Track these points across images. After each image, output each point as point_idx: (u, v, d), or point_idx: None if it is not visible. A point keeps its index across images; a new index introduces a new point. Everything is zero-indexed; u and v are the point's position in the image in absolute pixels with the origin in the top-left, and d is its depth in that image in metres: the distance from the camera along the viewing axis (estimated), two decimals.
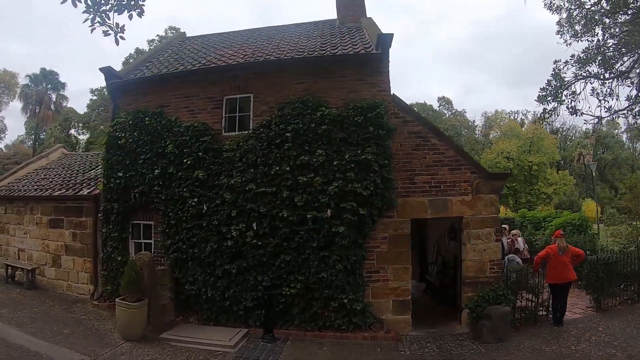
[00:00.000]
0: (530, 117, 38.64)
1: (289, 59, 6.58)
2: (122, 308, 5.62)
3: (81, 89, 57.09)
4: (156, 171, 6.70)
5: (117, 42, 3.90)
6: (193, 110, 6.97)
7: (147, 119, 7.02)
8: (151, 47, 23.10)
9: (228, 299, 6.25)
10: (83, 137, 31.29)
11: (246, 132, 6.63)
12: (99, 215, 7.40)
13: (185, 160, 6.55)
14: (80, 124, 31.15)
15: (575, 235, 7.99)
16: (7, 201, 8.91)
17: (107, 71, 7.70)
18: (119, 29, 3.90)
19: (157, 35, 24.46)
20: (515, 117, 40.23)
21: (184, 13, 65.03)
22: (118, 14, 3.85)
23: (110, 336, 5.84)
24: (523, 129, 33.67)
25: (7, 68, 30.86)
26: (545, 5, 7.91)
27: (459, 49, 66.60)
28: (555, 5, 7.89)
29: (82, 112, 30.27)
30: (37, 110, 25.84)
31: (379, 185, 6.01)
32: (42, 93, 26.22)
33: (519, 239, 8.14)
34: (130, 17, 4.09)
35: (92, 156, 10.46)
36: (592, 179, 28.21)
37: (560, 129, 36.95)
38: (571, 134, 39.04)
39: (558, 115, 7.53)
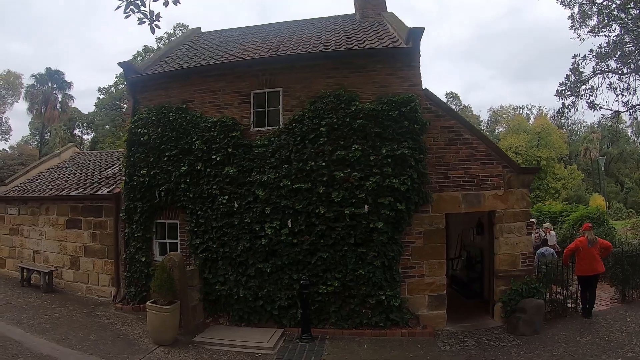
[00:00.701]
0: (535, 112, 36.88)
1: (321, 52, 6.02)
2: (154, 312, 4.99)
3: (83, 88, 54.43)
4: (183, 168, 6.05)
5: (152, 31, 3.46)
6: (219, 105, 6.34)
7: (171, 114, 6.35)
8: (160, 45, 21.99)
9: (261, 298, 5.68)
10: (87, 137, 29.95)
11: (276, 127, 6.04)
12: (121, 214, 6.68)
13: (213, 157, 5.93)
14: (85, 124, 29.66)
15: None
16: (20, 202, 8.06)
17: (126, 66, 6.98)
18: (154, 17, 3.44)
19: (166, 32, 23.02)
20: (521, 112, 37.87)
21: (182, 11, 62.19)
22: (153, 1, 3.39)
23: (140, 341, 5.19)
24: (530, 123, 32.03)
25: (10, 69, 29.10)
26: (557, 0, 7.58)
27: (460, 47, 63.48)
28: (567, 0, 7.54)
29: (85, 112, 28.87)
30: (43, 110, 24.23)
31: (415, 180, 5.55)
32: (48, 93, 24.61)
33: (552, 232, 7.75)
34: (166, 4, 3.62)
35: (107, 154, 9.66)
36: (599, 173, 27.17)
37: (566, 124, 34.87)
38: (576, 128, 36.78)
39: (577, 110, 7.24)
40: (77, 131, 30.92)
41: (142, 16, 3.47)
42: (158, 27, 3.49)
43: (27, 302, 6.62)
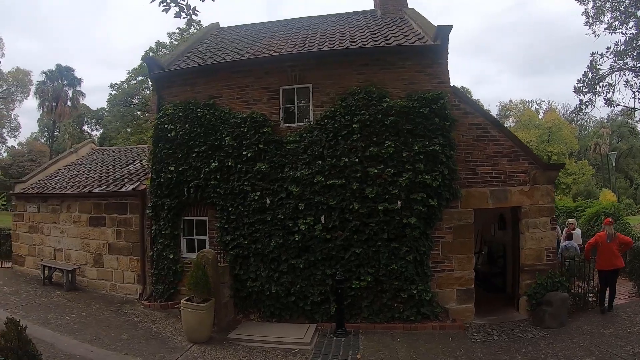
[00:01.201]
0: (544, 106, 34.93)
1: (351, 49, 5.76)
2: (190, 310, 4.69)
3: (90, 85, 52.02)
4: (213, 164, 5.74)
5: (189, 24, 3.45)
6: (248, 101, 6.03)
7: (198, 110, 6.02)
8: (172, 41, 21.21)
9: (293, 294, 5.43)
10: (96, 133, 28.78)
11: (307, 123, 5.77)
12: (147, 211, 6.34)
13: (244, 153, 5.64)
14: (93, 120, 28.55)
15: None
16: (40, 199, 7.61)
17: (150, 61, 6.65)
18: (191, 11, 3.28)
19: (178, 28, 21.87)
20: (530, 107, 35.60)
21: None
22: None
23: (174, 339, 4.90)
24: (540, 117, 30.31)
25: (19, 66, 27.89)
26: None
27: (467, 41, 58.78)
28: None
29: (94, 108, 27.92)
30: (53, 107, 23.16)
31: (446, 177, 5.36)
32: (58, 89, 23.54)
33: (577, 229, 7.55)
34: None
35: (126, 150, 9.23)
36: (609, 169, 25.78)
37: (575, 119, 32.87)
38: (585, 123, 34.51)
39: (594, 107, 7.12)
40: (85, 127, 29.84)
41: (179, 10, 3.27)
42: (194, 20, 3.33)
43: (50, 301, 6.24)
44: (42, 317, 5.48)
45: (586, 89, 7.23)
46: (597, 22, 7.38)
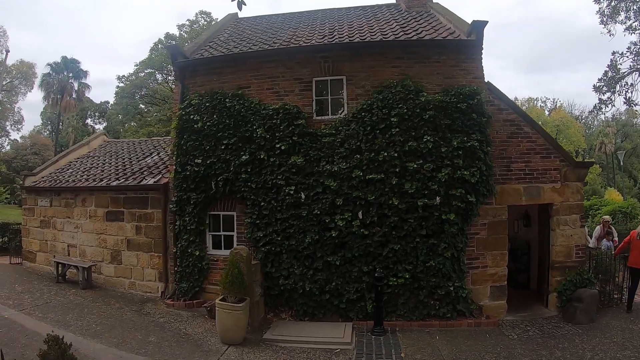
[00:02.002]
0: (549, 104, 33.07)
1: (389, 41, 5.28)
2: (226, 310, 4.12)
3: (93, 78, 48.55)
4: (243, 157, 5.16)
5: (239, 7, 2.92)
6: (278, 92, 5.46)
7: (227, 100, 5.40)
8: (182, 32, 20.08)
9: (328, 292, 4.94)
10: (99, 126, 27.18)
11: (341, 116, 5.25)
12: (170, 206, 5.68)
13: (278, 145, 5.08)
14: (97, 113, 26.79)
15: (627, 222, 7.50)
16: (52, 193, 6.81)
17: (174, 50, 5.98)
18: None
19: (188, 20, 21.08)
20: (535, 104, 33.45)
21: (189, 2, 54.51)
22: None
23: (207, 341, 4.32)
24: (546, 115, 28.61)
25: (23, 59, 26.05)
26: None
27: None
28: None
29: (97, 102, 26.29)
30: (58, 99, 21.48)
31: (483, 173, 4.97)
32: (64, 81, 21.77)
33: (612, 227, 7.23)
34: None
35: (140, 143, 8.46)
36: (613, 168, 24.50)
37: (580, 117, 31.09)
38: (589, 122, 32.23)
39: (613, 106, 6.88)
40: (89, 121, 28.01)
41: None
42: (244, 3, 2.92)
43: (67, 300, 5.51)
44: (60, 318, 4.78)
45: (605, 88, 6.96)
46: (612, 22, 7.11)
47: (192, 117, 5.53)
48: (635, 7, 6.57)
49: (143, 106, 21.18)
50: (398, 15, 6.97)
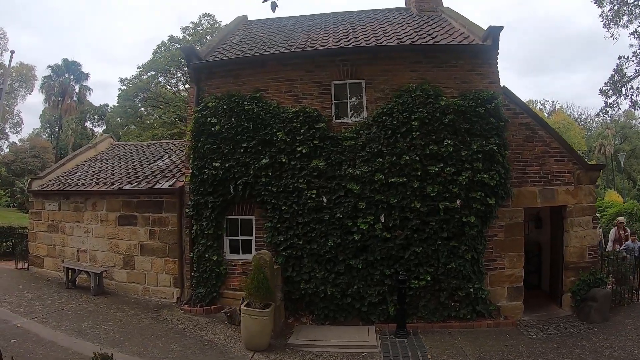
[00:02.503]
0: (548, 106, 33.05)
1: (408, 45, 5.33)
2: (252, 316, 4.08)
3: (91, 81, 47.71)
4: (263, 161, 5.12)
5: (272, 9, 2.92)
6: (297, 95, 5.45)
7: (245, 103, 5.35)
8: (185, 35, 20.02)
9: (350, 295, 4.94)
10: (99, 130, 26.93)
11: (361, 119, 5.26)
12: (186, 210, 5.59)
13: (299, 149, 5.06)
14: (96, 116, 26.42)
15: (633, 223, 7.68)
16: (61, 196, 6.63)
17: (189, 51, 5.90)
18: None
19: (191, 22, 21.23)
20: (535, 106, 33.11)
21: (185, 3, 54.31)
22: None
23: (231, 348, 4.27)
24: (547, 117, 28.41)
25: (22, 61, 25.21)
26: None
27: None
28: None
29: (97, 105, 25.82)
30: (59, 102, 20.99)
31: (502, 175, 5.04)
32: (65, 84, 21.40)
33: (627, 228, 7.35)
34: None
35: (149, 146, 8.30)
36: (612, 169, 24.39)
37: (579, 119, 31.38)
38: (588, 124, 31.94)
39: (619, 109, 7.07)
40: (88, 124, 27.58)
41: None
42: (276, 5, 2.91)
43: (80, 307, 5.37)
44: (75, 326, 4.66)
45: (612, 92, 7.15)
46: (615, 26, 7.31)
47: (209, 119, 5.46)
48: (638, 11, 6.76)
49: (143, 109, 21.05)
50: (410, 19, 7.03)
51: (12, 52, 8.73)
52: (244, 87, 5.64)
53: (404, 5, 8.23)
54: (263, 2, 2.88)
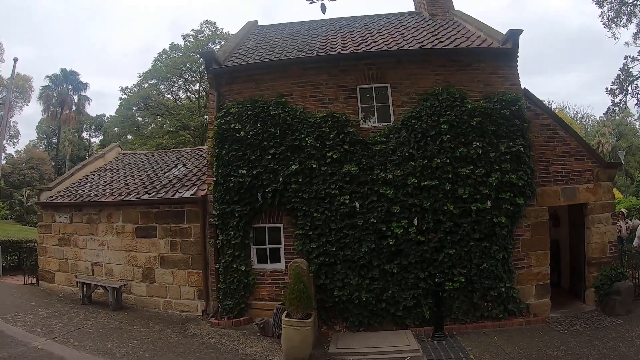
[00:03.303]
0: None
1: (433, 49, 5.39)
2: (294, 327, 3.99)
3: (88, 91, 46.82)
4: (293, 167, 5.05)
5: (323, 10, 2.92)
6: (323, 99, 5.43)
7: (271, 108, 5.27)
8: (187, 42, 19.89)
9: (384, 300, 4.92)
10: (95, 140, 26.56)
11: (390, 123, 5.27)
12: (210, 219, 5.44)
13: (329, 154, 5.01)
14: (93, 127, 25.93)
15: None
16: (73, 208, 6.35)
17: (208, 56, 5.79)
18: None
19: (192, 30, 20.77)
20: None
21: (179, 7, 54.44)
22: None
23: None
24: None
25: (19, 72, 24.35)
26: (593, 0, 7.71)
27: None
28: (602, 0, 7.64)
29: (93, 115, 25.31)
30: (58, 112, 20.58)
31: (529, 175, 5.16)
32: (64, 94, 21.04)
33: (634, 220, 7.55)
34: None
35: (160, 154, 8.06)
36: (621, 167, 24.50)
37: (575, 117, 31.17)
38: (584, 122, 32.05)
39: (626, 108, 7.34)
40: (84, 134, 27.12)
41: None
42: (324, 7, 2.90)
43: (100, 324, 5.14)
44: (100, 346, 4.44)
45: (618, 91, 7.43)
46: (613, 25, 7.61)
47: (232, 125, 5.36)
48: (637, 11, 7.06)
49: (140, 118, 20.78)
50: (424, 23, 7.11)
51: (15, 59, 8.33)
52: (267, 92, 5.57)
53: (413, 9, 8.33)
54: (310, 3, 2.83)
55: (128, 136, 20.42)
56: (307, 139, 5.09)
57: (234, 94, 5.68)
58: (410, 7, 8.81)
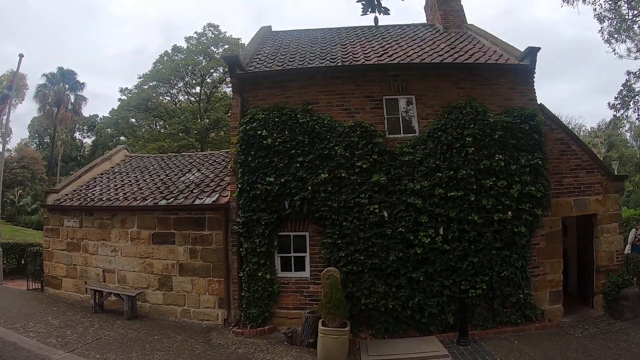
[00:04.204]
0: None
1: (455, 63, 5.79)
2: (332, 336, 4.25)
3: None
4: (322, 175, 5.28)
5: (376, 22, 3.13)
6: (349, 109, 5.72)
7: (299, 116, 5.50)
8: (190, 43, 20.29)
9: (410, 308, 5.23)
10: (87, 140, 26.53)
11: (414, 135, 5.62)
12: (234, 227, 5.59)
13: (358, 164, 5.30)
14: (85, 127, 25.73)
15: None
16: (83, 212, 6.32)
17: (232, 61, 5.97)
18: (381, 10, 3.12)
19: (195, 32, 21.45)
20: None
21: (169, 11, 55.21)
22: None
23: None
24: None
25: (14, 69, 23.66)
26: (594, 16, 8.51)
27: None
28: (602, 15, 8.43)
29: (86, 115, 25.16)
30: (54, 111, 20.47)
31: (546, 187, 5.63)
32: (60, 93, 20.94)
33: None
34: None
35: (170, 158, 8.10)
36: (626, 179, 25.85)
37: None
38: (576, 132, 33.26)
39: (628, 122, 8.08)
40: (77, 134, 26.93)
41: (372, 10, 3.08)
42: (377, 20, 3.11)
43: (118, 335, 5.16)
44: (123, 358, 4.48)
45: (619, 106, 8.16)
46: (613, 40, 8.37)
47: (258, 132, 5.55)
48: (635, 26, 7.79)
49: (134, 120, 20.93)
50: (439, 35, 7.55)
51: (21, 55, 8.14)
52: (292, 99, 5.80)
53: (425, 22, 8.75)
54: (363, 15, 3.09)
55: (121, 137, 20.46)
56: (336, 147, 5.36)
57: (258, 99, 5.88)
58: (403, 19, 9.28)
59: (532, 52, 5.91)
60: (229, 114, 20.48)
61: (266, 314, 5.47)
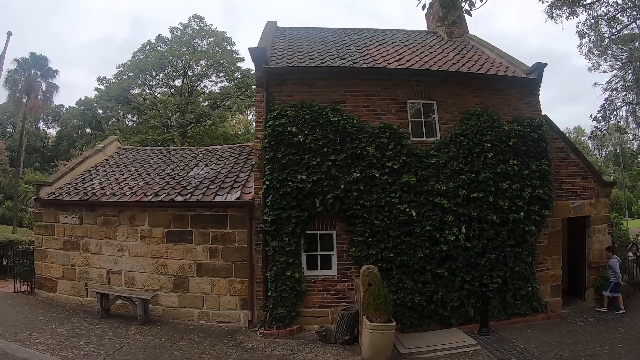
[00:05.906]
0: None
1: (475, 73, 6.74)
2: (381, 331, 4.80)
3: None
4: (355, 174, 5.88)
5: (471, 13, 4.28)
6: (376, 110, 6.44)
7: (330, 114, 6.08)
8: (175, 34, 20.62)
9: (434, 302, 6.01)
10: (52, 131, 26.15)
11: (436, 138, 6.49)
12: (262, 225, 5.94)
13: (388, 164, 5.99)
14: (50, 117, 24.82)
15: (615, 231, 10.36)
16: (84, 208, 6.22)
17: (258, 54, 6.37)
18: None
19: (180, 23, 21.90)
20: None
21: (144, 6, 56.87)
22: None
23: None
24: None
25: None
26: (576, 32, 10.27)
27: None
28: (584, 32, 10.20)
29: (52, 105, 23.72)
30: (25, 100, 19.28)
31: (551, 191, 6.74)
32: (32, 80, 19.66)
33: None
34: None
35: (168, 151, 8.21)
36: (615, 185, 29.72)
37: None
38: None
39: (609, 134, 9.77)
40: (41, 124, 25.93)
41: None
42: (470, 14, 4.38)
43: (139, 343, 5.17)
44: None
45: (601, 118, 9.94)
46: (592, 56, 10.21)
47: (288, 129, 6.00)
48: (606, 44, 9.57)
49: (101, 111, 20.94)
50: (445, 44, 8.56)
51: (9, 33, 7.75)
52: (319, 97, 6.36)
53: (426, 29, 9.81)
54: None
55: (87, 130, 20.07)
56: (367, 148, 5.99)
57: (284, 95, 6.35)
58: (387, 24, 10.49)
59: (540, 67, 7.11)
60: (214, 110, 20.80)
61: (293, 314, 5.88)
